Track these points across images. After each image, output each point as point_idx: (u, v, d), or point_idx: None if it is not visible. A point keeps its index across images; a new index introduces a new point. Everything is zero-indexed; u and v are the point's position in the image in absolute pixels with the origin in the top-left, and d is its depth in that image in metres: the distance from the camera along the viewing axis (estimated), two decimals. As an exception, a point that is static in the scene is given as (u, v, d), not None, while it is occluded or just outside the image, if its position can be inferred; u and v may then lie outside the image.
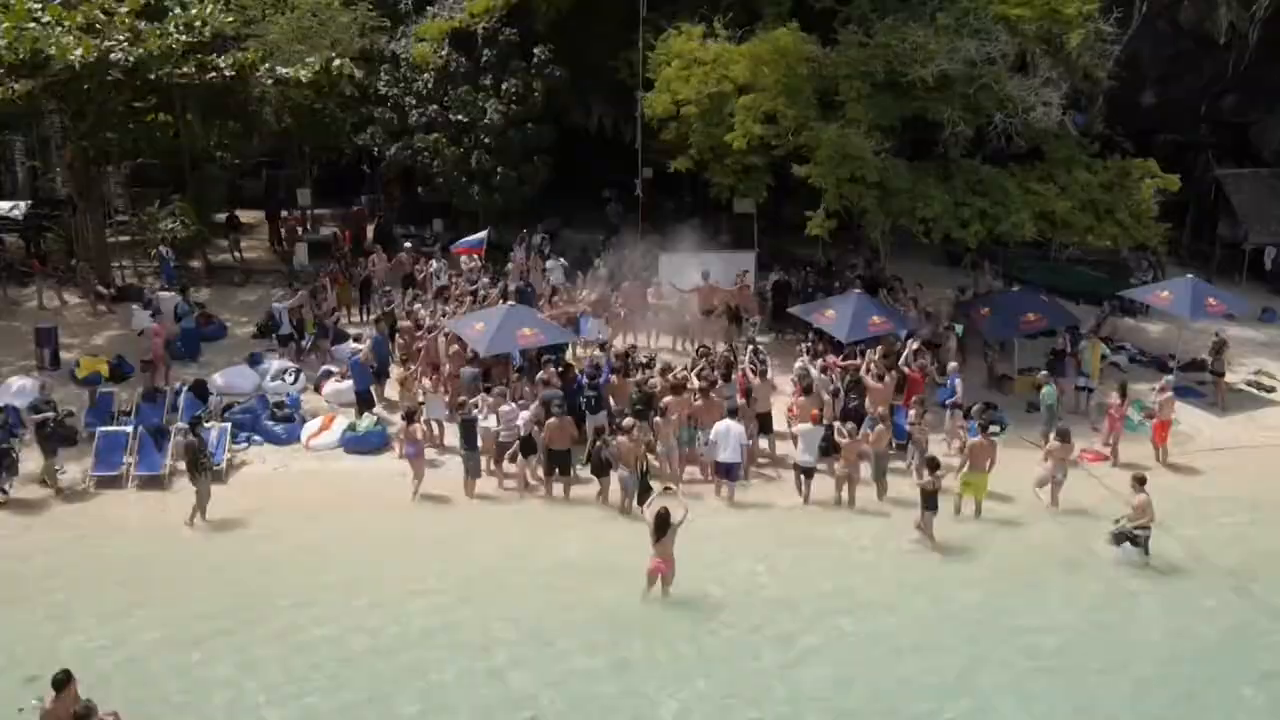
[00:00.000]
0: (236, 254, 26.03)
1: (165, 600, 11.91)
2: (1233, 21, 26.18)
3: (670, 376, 16.21)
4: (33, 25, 17.85)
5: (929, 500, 13.44)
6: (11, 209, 28.92)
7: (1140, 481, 13.32)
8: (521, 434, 14.94)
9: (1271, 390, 19.72)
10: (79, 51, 17.57)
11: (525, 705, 10.09)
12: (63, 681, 8.66)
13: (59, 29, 18.05)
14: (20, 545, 13.48)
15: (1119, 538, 13.18)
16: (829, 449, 14.86)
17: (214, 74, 19.81)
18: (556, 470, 14.83)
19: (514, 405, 15.27)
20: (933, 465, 13.55)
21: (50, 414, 15.18)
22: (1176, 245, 28.11)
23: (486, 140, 23.05)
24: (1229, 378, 19.78)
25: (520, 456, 14.99)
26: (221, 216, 26.91)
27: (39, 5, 18.84)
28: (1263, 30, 26.38)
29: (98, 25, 18.66)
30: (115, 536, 13.78)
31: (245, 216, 27.51)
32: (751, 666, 10.93)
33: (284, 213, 27.44)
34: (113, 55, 18.08)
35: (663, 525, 11.67)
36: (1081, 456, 16.35)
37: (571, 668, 10.77)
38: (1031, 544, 13.88)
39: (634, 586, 11.92)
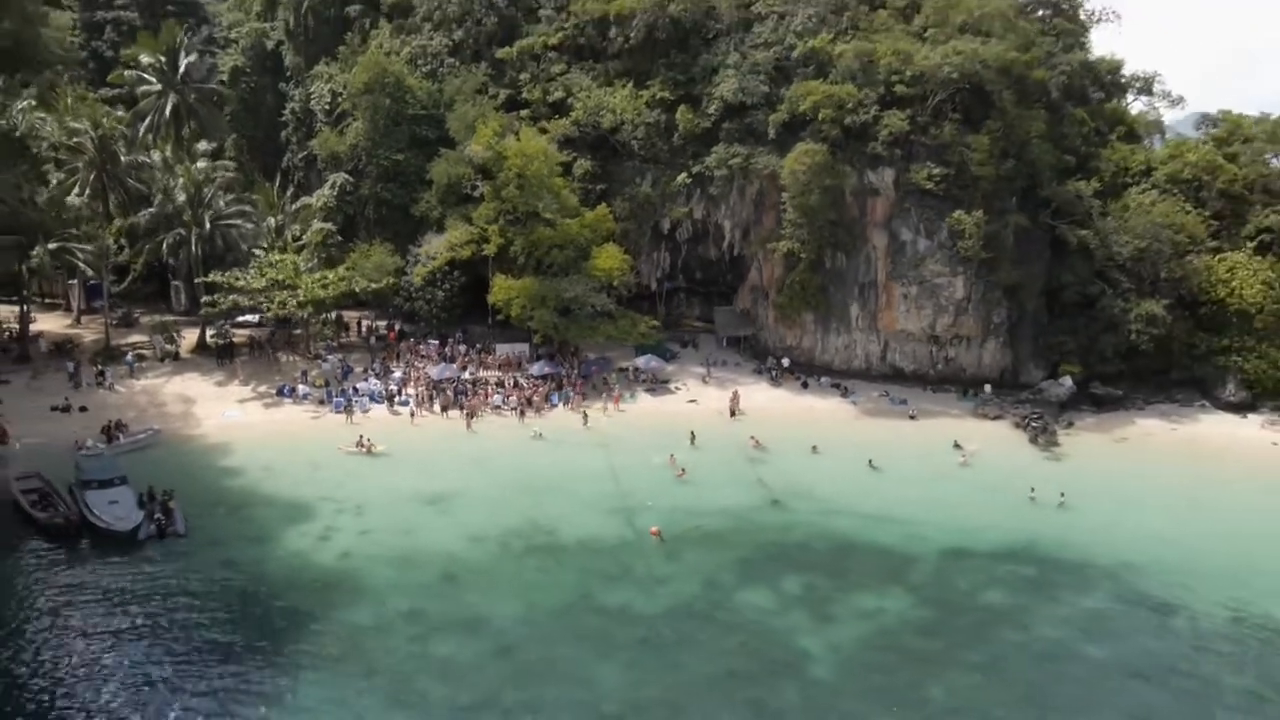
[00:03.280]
0: (345, 337, 69.79)
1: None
2: (702, 250, 70.38)
3: (484, 383, 60.39)
4: (321, 278, 61.71)
5: (522, 409, 57.66)
6: (254, 318, 72.42)
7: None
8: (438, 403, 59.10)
9: (677, 390, 63.65)
10: (332, 288, 61.48)
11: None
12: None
13: (315, 282, 61.74)
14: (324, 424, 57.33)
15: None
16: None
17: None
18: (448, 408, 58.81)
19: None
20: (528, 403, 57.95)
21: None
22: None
23: (440, 301, 66.74)
24: (674, 384, 64.25)
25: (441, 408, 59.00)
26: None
27: (300, 268, 62.56)
28: (740, 251, 70.30)
29: (331, 278, 62.46)
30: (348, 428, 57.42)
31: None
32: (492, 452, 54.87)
33: (361, 319, 71.26)
34: (330, 293, 61.82)
35: (471, 415, 55.89)
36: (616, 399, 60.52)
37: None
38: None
39: (460, 430, 55.97)
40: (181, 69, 68.22)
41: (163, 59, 68.06)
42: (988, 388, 62.67)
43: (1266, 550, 42.10)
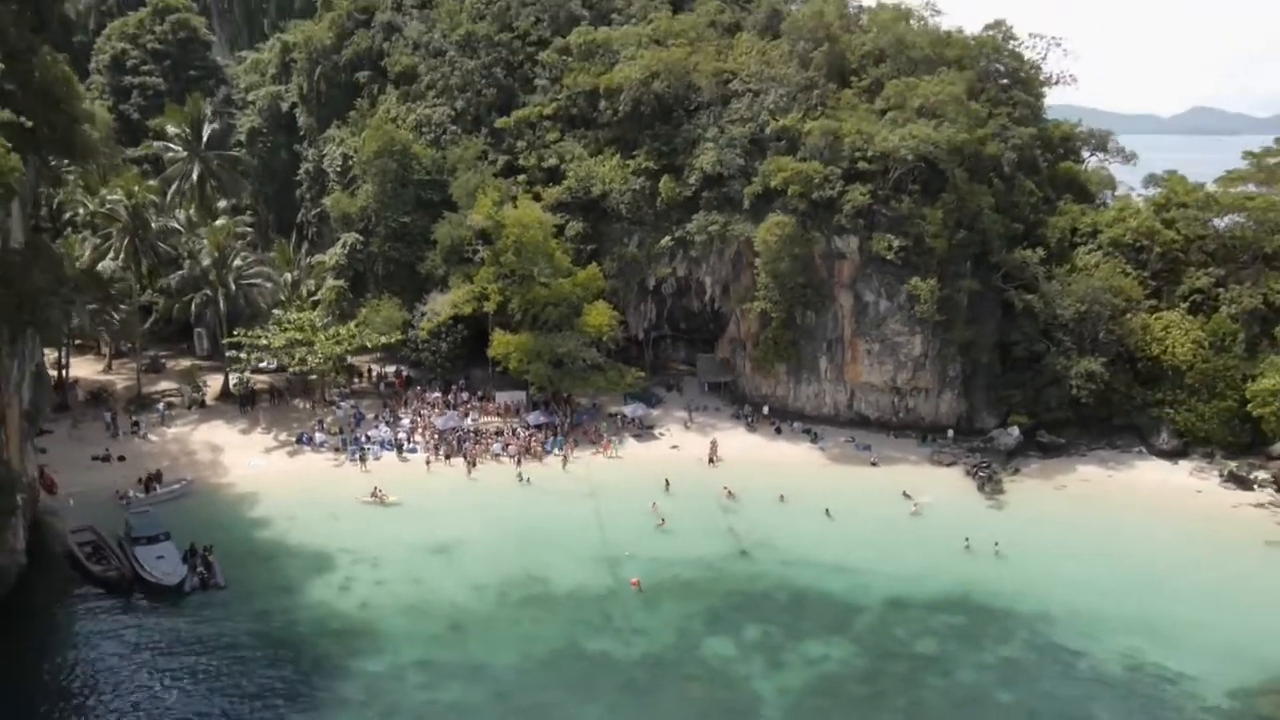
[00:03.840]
0: (357, 383, 75.71)
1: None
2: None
3: (485, 433, 66.42)
4: (335, 335, 67.50)
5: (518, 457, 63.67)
6: (271, 365, 78.25)
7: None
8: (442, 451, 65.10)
9: (661, 436, 69.64)
10: (342, 345, 67.40)
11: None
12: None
13: (331, 339, 67.64)
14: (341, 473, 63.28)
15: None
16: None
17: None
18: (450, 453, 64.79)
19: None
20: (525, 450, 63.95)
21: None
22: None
23: (445, 352, 72.63)
24: (659, 430, 70.25)
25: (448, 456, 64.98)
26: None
27: (316, 327, 68.51)
28: (720, 307, 76.19)
29: (344, 334, 68.38)
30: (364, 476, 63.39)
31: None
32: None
33: (370, 366, 77.21)
34: (344, 349, 67.73)
35: (472, 463, 61.90)
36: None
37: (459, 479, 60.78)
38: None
39: (463, 478, 61.97)
40: (205, 138, 74.10)
41: (188, 130, 73.93)
42: (950, 433, 68.59)
43: (1166, 600, 47.98)
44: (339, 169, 78.25)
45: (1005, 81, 76.46)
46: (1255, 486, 61.74)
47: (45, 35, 39.88)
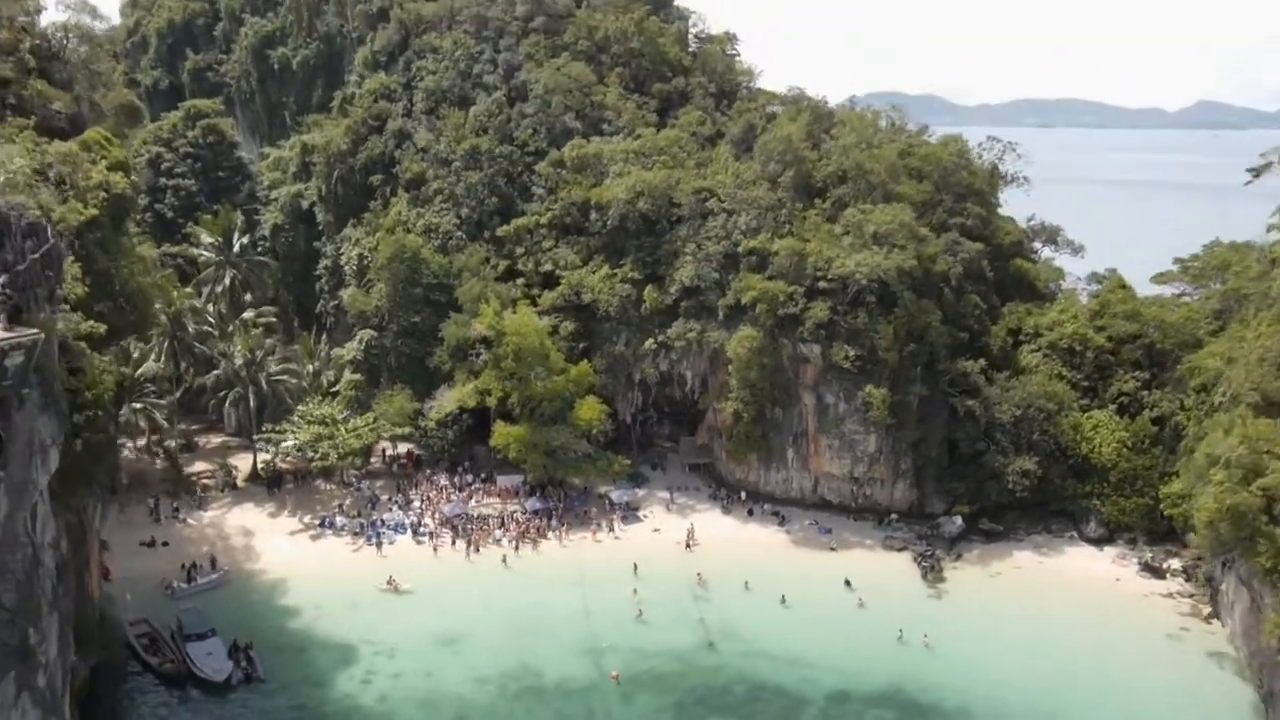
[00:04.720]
0: (371, 464, 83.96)
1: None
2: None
3: (489, 515, 74.75)
4: (355, 429, 75.75)
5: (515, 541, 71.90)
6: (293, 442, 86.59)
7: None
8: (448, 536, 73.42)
9: (645, 518, 77.83)
10: (361, 439, 75.63)
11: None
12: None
13: (351, 433, 75.90)
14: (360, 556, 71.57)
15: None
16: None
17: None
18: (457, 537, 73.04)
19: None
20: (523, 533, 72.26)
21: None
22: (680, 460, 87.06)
23: (451, 439, 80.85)
24: (643, 512, 78.47)
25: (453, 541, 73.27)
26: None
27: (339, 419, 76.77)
28: (698, 399, 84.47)
29: (363, 426, 76.64)
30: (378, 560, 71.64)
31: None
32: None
33: (384, 448, 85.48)
34: (362, 441, 76.00)
35: (475, 548, 70.21)
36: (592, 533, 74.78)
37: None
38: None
39: (468, 563, 70.23)
40: (236, 248, 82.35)
41: (220, 239, 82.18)
42: (894, 516, 76.77)
43: (1071, 693, 56.00)
44: (355, 268, 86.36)
45: (961, 191, 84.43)
46: (1167, 575, 69.95)
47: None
